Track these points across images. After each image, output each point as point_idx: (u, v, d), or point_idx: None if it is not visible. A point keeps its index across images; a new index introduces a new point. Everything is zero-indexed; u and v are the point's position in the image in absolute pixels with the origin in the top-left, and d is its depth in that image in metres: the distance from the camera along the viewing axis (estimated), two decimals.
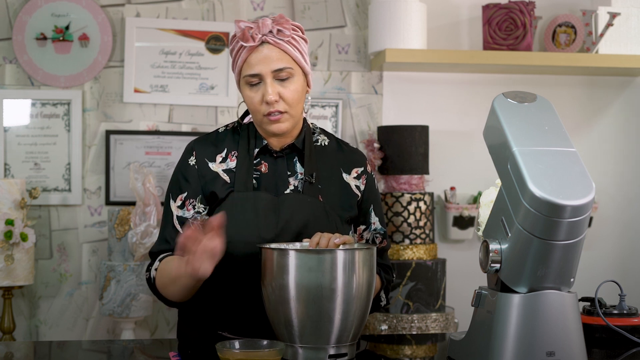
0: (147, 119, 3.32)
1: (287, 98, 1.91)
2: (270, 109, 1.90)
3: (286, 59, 1.91)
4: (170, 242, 1.97)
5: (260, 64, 1.89)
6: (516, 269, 1.54)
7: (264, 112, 1.91)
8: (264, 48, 1.90)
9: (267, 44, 1.90)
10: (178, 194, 1.99)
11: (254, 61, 1.90)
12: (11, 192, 2.96)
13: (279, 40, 1.90)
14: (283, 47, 1.90)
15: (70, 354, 1.95)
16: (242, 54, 1.91)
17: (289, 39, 1.91)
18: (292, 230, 1.91)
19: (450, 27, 3.52)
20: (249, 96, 1.93)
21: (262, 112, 1.92)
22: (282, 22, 1.91)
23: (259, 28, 1.89)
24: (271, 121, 1.92)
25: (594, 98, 3.62)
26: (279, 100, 1.90)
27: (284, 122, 1.93)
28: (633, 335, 1.85)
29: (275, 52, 1.90)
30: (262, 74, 1.90)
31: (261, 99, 1.91)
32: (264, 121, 1.93)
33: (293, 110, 1.93)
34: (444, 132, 3.50)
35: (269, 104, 1.90)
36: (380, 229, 2.09)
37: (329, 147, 2.06)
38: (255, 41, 1.89)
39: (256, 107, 1.92)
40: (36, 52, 3.23)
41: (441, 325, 3.11)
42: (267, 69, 1.89)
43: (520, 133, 1.56)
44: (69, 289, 3.29)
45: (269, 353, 1.54)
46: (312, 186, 1.97)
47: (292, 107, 1.92)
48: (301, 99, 1.95)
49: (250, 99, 1.93)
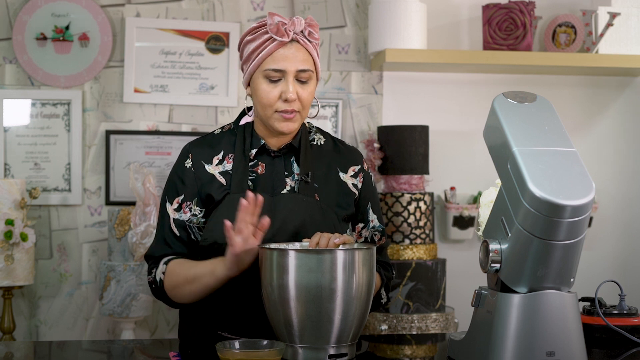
0: (147, 119, 3.32)
1: (303, 99, 1.92)
2: (287, 107, 1.91)
3: (310, 61, 1.93)
4: (170, 245, 1.97)
5: (286, 61, 1.90)
6: (516, 269, 1.54)
7: (279, 109, 1.91)
8: (292, 46, 1.91)
9: (296, 42, 1.91)
10: (174, 196, 1.99)
11: (280, 57, 1.90)
12: (11, 192, 2.96)
13: (308, 42, 1.92)
14: (310, 49, 1.93)
15: (70, 354, 1.95)
16: (269, 47, 1.90)
17: (316, 42, 1.94)
18: (289, 230, 1.91)
19: (450, 27, 3.52)
20: (266, 90, 1.92)
21: (275, 108, 1.92)
22: (313, 25, 1.93)
23: (294, 25, 1.90)
24: (285, 119, 1.92)
25: (594, 98, 3.62)
26: (296, 100, 1.91)
27: (295, 122, 1.94)
28: (633, 335, 1.85)
29: (302, 53, 1.91)
30: (287, 71, 1.90)
31: (278, 95, 1.91)
32: (275, 117, 1.93)
33: (305, 112, 1.96)
34: (444, 132, 3.50)
35: (287, 102, 1.90)
36: (378, 226, 2.09)
37: (325, 146, 2.06)
38: (289, 37, 1.89)
39: (271, 102, 1.92)
40: (36, 52, 3.23)
41: (441, 325, 3.11)
42: (293, 67, 1.90)
43: (520, 133, 1.56)
44: (69, 289, 3.29)
45: (269, 353, 1.54)
46: (308, 185, 1.97)
47: (305, 109, 1.95)
48: (311, 102, 1.97)
49: (266, 93, 1.92)
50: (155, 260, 1.98)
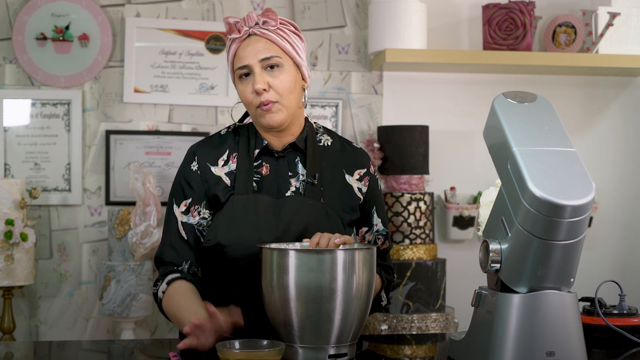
0: (147, 119, 3.33)
1: (276, 87, 1.91)
2: (261, 99, 1.90)
3: (273, 48, 1.92)
4: (176, 249, 1.96)
5: (248, 56, 1.92)
6: (516, 269, 1.54)
7: (256, 104, 1.92)
8: (251, 40, 1.93)
9: (254, 35, 1.93)
10: (182, 199, 1.98)
11: (242, 53, 1.93)
12: (11, 192, 2.96)
13: (264, 31, 1.92)
14: (269, 37, 1.92)
15: (70, 354, 1.95)
16: (232, 48, 1.95)
17: (275, 29, 1.93)
18: (293, 233, 1.90)
19: (450, 27, 3.52)
20: (241, 90, 1.94)
21: (254, 104, 1.92)
22: (269, 14, 1.94)
23: (245, 21, 1.93)
24: (264, 111, 1.92)
25: (594, 98, 3.62)
26: (268, 90, 1.91)
27: (276, 112, 1.92)
28: (633, 335, 1.85)
29: (261, 43, 1.92)
30: (251, 65, 1.91)
31: (252, 90, 1.92)
32: (258, 113, 1.93)
33: (285, 100, 1.92)
34: (444, 132, 3.50)
35: (258, 94, 1.91)
36: (382, 230, 2.08)
37: (332, 148, 2.05)
38: (241, 33, 1.92)
39: (248, 99, 1.93)
40: (36, 52, 3.23)
41: (441, 325, 3.11)
42: (255, 59, 1.91)
43: (520, 133, 1.56)
44: (69, 289, 3.29)
45: (269, 353, 1.54)
46: (314, 188, 1.96)
47: (282, 97, 1.92)
48: (294, 90, 1.94)
49: (242, 92, 1.94)
50: (163, 272, 1.96)
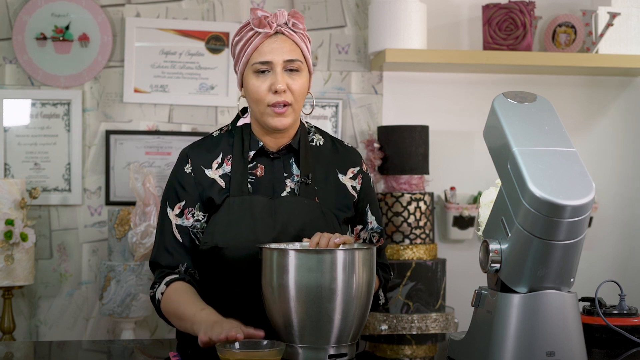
0: (147, 119, 3.32)
1: (294, 90, 1.90)
2: (278, 99, 1.89)
3: (297, 51, 1.92)
4: (172, 253, 1.95)
5: (273, 53, 1.89)
6: (516, 269, 1.54)
7: (270, 102, 1.90)
8: (277, 38, 1.90)
9: (281, 34, 1.91)
10: (176, 202, 1.97)
11: (266, 49, 1.90)
12: (11, 192, 2.96)
13: (293, 33, 1.91)
14: (296, 39, 1.91)
15: (70, 354, 1.95)
16: (255, 41, 1.90)
17: (302, 33, 1.92)
18: (290, 233, 1.90)
19: (450, 27, 3.52)
20: (255, 84, 1.90)
21: (267, 102, 1.90)
22: (298, 17, 1.93)
23: (276, 17, 1.90)
24: (275, 113, 1.90)
25: (594, 98, 3.62)
26: (287, 91, 1.90)
27: (288, 116, 1.91)
28: (633, 335, 1.85)
29: (288, 43, 1.90)
30: (274, 62, 1.89)
31: (268, 88, 1.89)
32: (267, 112, 1.91)
33: (297, 105, 1.93)
34: (444, 132, 3.50)
35: (277, 93, 1.89)
36: (377, 227, 2.08)
37: (324, 147, 2.05)
38: (272, 29, 1.89)
39: (262, 96, 1.90)
40: (36, 52, 3.23)
41: (441, 325, 3.11)
42: (280, 58, 1.89)
43: (520, 133, 1.56)
44: (69, 289, 3.29)
45: (269, 353, 1.54)
46: (309, 187, 1.96)
47: (297, 101, 1.92)
48: (304, 95, 1.95)
49: (256, 87, 1.90)
50: (159, 275, 1.96)
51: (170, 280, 1.91)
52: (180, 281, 1.91)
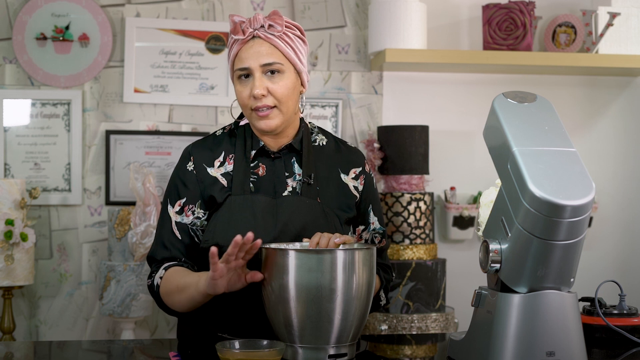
0: (147, 119, 3.33)
1: (275, 93, 1.91)
2: (258, 104, 1.90)
3: (276, 54, 1.91)
4: (170, 249, 1.96)
5: (250, 58, 1.91)
6: (516, 269, 1.54)
7: (252, 107, 1.92)
8: (254, 42, 1.92)
9: (258, 38, 1.92)
10: (176, 199, 1.98)
11: (244, 55, 1.92)
12: (11, 192, 2.96)
13: (269, 35, 1.91)
14: (274, 42, 1.91)
15: (70, 354, 1.95)
16: (234, 48, 1.94)
17: (280, 34, 1.92)
18: (291, 233, 1.90)
19: (450, 27, 3.52)
20: (239, 90, 1.94)
21: (249, 107, 1.92)
22: (275, 18, 1.92)
23: (251, 22, 1.92)
24: (259, 117, 1.92)
25: (594, 98, 3.62)
26: (267, 95, 1.90)
27: (273, 118, 1.92)
28: (633, 335, 1.85)
29: (265, 47, 1.91)
30: (251, 68, 1.91)
31: (249, 94, 1.91)
32: (253, 116, 1.93)
33: (283, 106, 1.92)
34: (444, 132, 3.50)
35: (256, 98, 1.90)
36: (379, 228, 2.08)
37: (327, 147, 2.05)
38: (245, 34, 1.91)
39: (245, 101, 1.93)
40: (36, 52, 3.23)
41: (441, 325, 3.11)
42: (256, 63, 1.90)
43: (520, 133, 1.56)
44: (69, 289, 3.29)
45: (269, 353, 1.54)
46: (311, 187, 1.96)
47: (281, 102, 1.92)
48: (292, 96, 1.94)
49: (239, 93, 1.94)
50: (157, 264, 1.97)
51: (169, 266, 1.94)
52: (179, 266, 1.94)
